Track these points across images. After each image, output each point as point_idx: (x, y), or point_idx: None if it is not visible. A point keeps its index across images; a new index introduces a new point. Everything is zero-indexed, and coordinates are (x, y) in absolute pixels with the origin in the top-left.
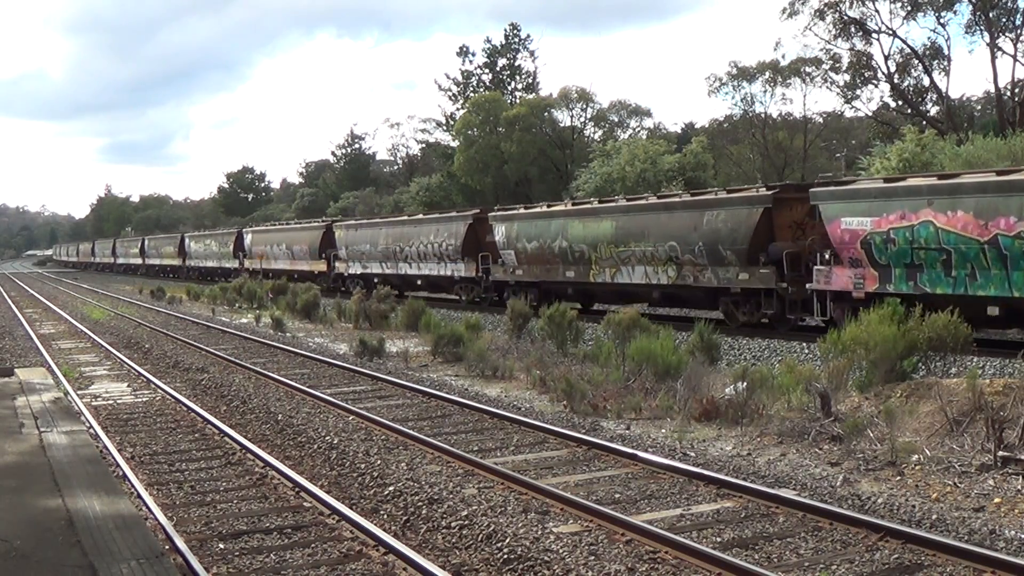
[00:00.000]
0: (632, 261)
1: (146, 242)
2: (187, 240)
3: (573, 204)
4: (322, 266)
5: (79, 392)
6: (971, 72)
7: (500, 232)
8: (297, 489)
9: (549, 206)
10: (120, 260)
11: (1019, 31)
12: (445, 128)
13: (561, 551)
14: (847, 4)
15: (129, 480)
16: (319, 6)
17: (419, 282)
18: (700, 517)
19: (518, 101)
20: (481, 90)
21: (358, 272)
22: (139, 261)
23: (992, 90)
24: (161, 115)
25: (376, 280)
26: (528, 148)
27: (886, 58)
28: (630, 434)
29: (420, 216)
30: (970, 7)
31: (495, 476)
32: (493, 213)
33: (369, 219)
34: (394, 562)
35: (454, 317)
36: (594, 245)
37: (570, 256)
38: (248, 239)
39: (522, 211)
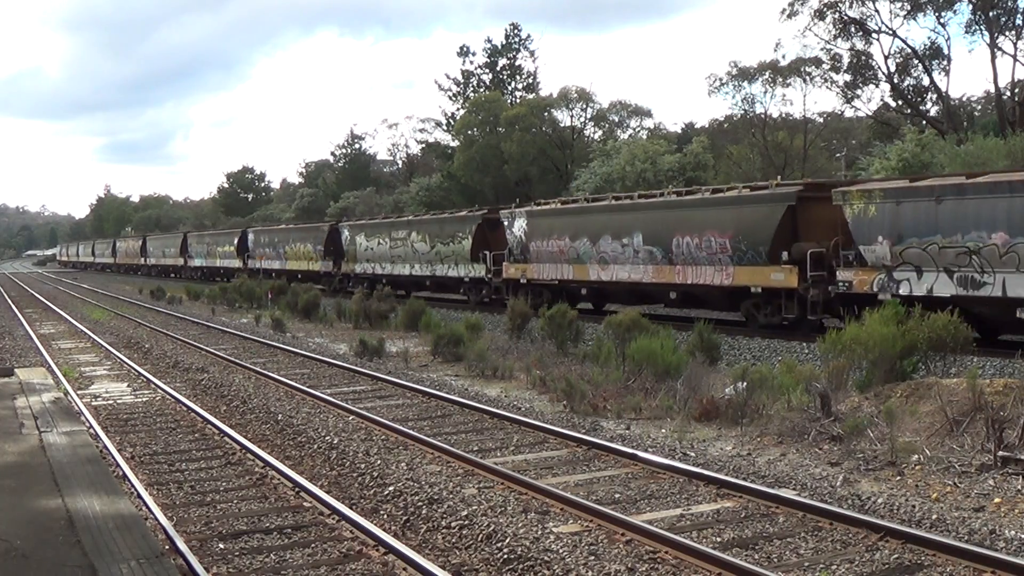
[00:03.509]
0: None
1: (250, 238)
2: (346, 233)
3: None
4: (788, 277)
5: (79, 392)
6: (971, 72)
7: None
8: (297, 489)
9: None
10: (197, 262)
11: (1019, 31)
12: (445, 128)
13: (561, 551)
14: (847, 4)
15: (129, 480)
16: (318, 4)
17: None
18: (700, 517)
19: (518, 101)
20: (481, 90)
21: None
22: (235, 263)
23: (992, 90)
24: (160, 114)
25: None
26: (528, 148)
27: (886, 58)
28: (630, 434)
29: None
30: (970, 7)
31: (495, 476)
32: None
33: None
34: (394, 562)
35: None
36: None
37: None
38: (520, 227)
39: None
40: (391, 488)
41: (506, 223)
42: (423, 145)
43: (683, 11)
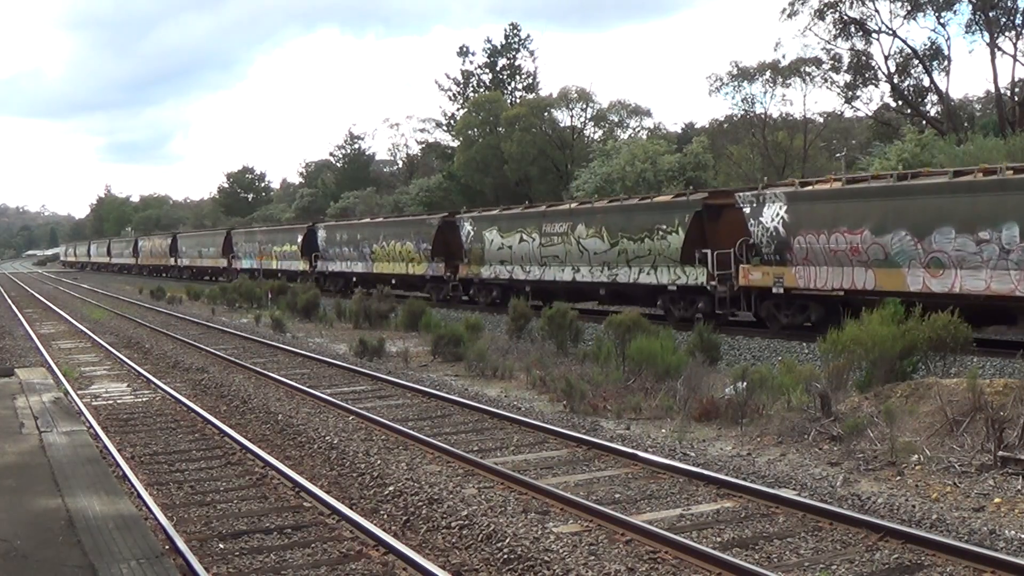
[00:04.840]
0: None
1: (320, 234)
2: (468, 227)
3: None
4: None
5: (79, 392)
6: (971, 72)
7: None
8: (297, 489)
9: None
10: (245, 263)
11: (1019, 31)
12: (445, 128)
13: (561, 551)
14: (847, 4)
15: (129, 480)
16: (318, 3)
17: None
18: (700, 517)
19: (518, 101)
20: (481, 90)
21: None
22: (299, 266)
23: (992, 90)
24: (160, 114)
25: None
26: (528, 148)
27: (886, 58)
28: (630, 434)
29: None
30: (970, 7)
31: (495, 476)
32: None
33: None
34: (394, 562)
35: (455, 317)
36: None
37: None
38: (774, 215)
39: None
40: (391, 488)
41: (747, 210)
42: (423, 145)
43: (683, 9)
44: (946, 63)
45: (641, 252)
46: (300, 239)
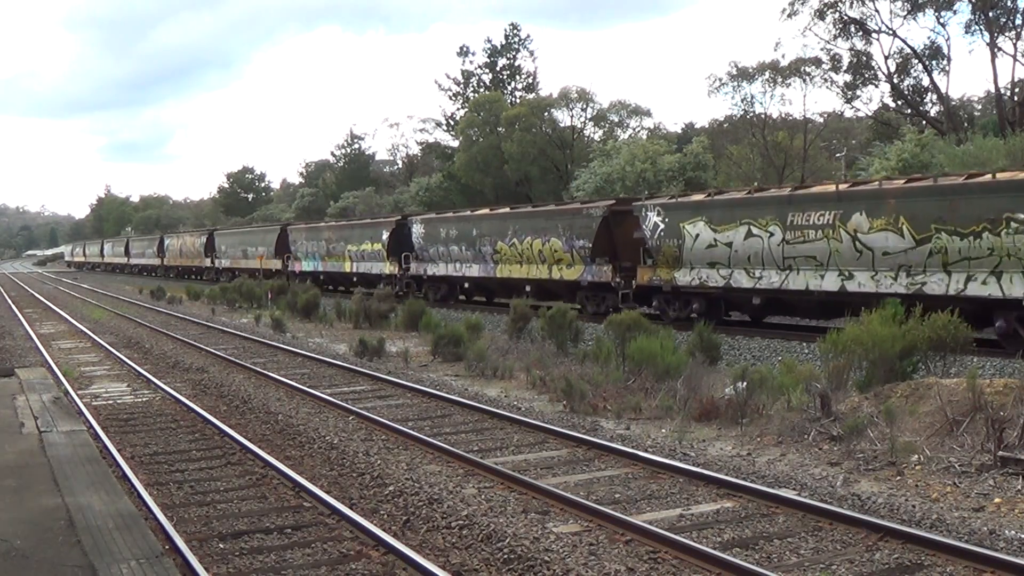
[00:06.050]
0: None
1: (416, 230)
2: (654, 218)
3: None
4: None
5: (79, 392)
6: (971, 72)
7: None
8: (297, 489)
9: None
10: (307, 266)
11: (1019, 31)
12: (446, 128)
13: (561, 551)
14: (847, 4)
15: (129, 480)
16: (319, 2)
17: None
18: (700, 517)
19: (518, 101)
20: (481, 90)
21: None
22: (384, 268)
23: (992, 90)
24: (159, 113)
25: None
26: (528, 148)
27: (886, 58)
28: (630, 434)
29: None
30: (970, 7)
31: (495, 476)
32: None
33: None
34: (394, 562)
35: (454, 317)
36: None
37: None
38: None
39: None
40: (391, 488)
41: None
42: (423, 145)
43: (683, 8)
44: (946, 63)
45: (974, 252)
46: (386, 235)
